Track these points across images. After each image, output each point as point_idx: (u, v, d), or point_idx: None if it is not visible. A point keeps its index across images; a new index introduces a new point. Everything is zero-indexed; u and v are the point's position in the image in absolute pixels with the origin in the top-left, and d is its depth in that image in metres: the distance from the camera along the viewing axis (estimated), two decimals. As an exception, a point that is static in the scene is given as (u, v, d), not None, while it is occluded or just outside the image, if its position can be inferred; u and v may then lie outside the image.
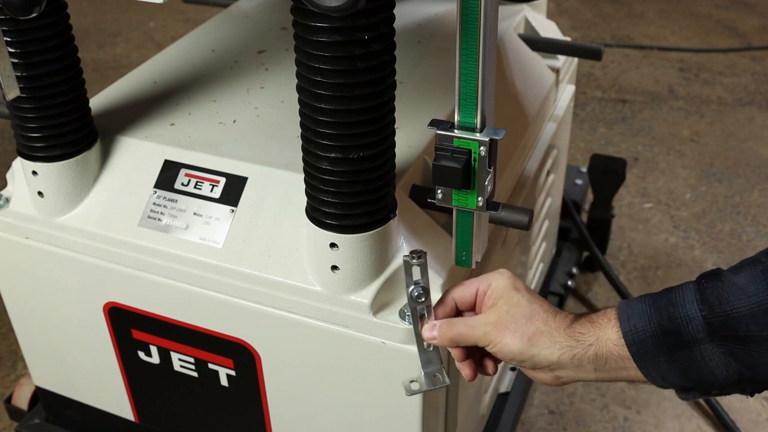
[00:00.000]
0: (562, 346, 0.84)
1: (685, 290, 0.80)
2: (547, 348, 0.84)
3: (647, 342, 0.80)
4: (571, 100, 1.70)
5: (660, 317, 0.80)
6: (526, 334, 0.85)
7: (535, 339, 0.85)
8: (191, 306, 1.12)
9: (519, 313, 0.87)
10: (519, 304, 0.87)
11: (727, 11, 3.60)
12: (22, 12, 0.90)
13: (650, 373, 0.81)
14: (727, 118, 2.85)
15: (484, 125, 0.87)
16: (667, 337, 0.79)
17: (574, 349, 0.84)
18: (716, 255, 2.21)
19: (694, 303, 0.78)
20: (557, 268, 1.96)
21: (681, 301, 0.79)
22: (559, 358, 0.84)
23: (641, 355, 0.81)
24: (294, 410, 1.15)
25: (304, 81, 0.88)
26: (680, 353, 0.79)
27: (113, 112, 1.22)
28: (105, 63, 3.27)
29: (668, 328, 0.79)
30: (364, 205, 0.94)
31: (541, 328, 0.85)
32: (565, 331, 0.85)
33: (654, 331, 0.80)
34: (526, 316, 0.86)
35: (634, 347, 0.81)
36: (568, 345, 0.84)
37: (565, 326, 0.85)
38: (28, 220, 1.17)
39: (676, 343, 0.79)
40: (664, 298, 0.81)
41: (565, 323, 0.85)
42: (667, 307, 0.80)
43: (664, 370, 0.81)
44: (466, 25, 0.81)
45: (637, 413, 1.77)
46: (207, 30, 1.48)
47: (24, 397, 1.53)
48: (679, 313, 0.79)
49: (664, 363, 0.80)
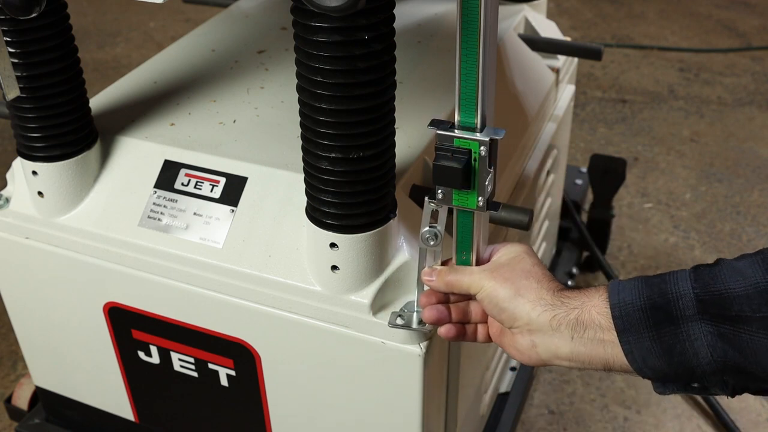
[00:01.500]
0: (545, 304, 0.84)
1: (680, 272, 0.79)
2: (530, 302, 0.85)
3: (634, 315, 0.79)
4: (571, 100, 1.70)
5: (650, 292, 0.79)
6: (515, 285, 0.86)
7: (523, 291, 0.86)
8: (191, 306, 1.12)
9: (519, 268, 0.88)
10: (522, 261, 0.89)
11: (727, 11, 3.60)
12: (22, 12, 0.90)
13: (631, 351, 0.79)
14: (727, 118, 2.85)
15: (484, 125, 0.86)
16: (655, 311, 0.78)
17: (556, 308, 0.83)
18: (716, 255, 2.21)
19: (688, 281, 0.77)
20: (557, 268, 1.96)
21: (674, 279, 0.78)
22: (539, 316, 0.84)
23: (625, 329, 0.79)
24: (294, 410, 1.15)
25: (304, 81, 0.88)
26: (666, 329, 0.77)
27: (113, 112, 1.22)
28: (105, 63, 3.27)
29: (657, 303, 0.78)
30: (364, 205, 0.94)
31: (532, 285, 0.86)
32: (553, 294, 0.85)
33: (642, 305, 0.78)
34: (524, 272, 0.87)
35: (620, 320, 0.79)
36: (551, 304, 0.84)
37: (556, 289, 0.86)
38: (28, 220, 1.17)
39: (663, 318, 0.77)
40: (658, 277, 0.80)
41: (556, 287, 0.86)
42: (659, 284, 0.79)
43: (646, 348, 0.78)
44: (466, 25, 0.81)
45: (637, 413, 1.77)
46: (207, 30, 1.48)
47: (24, 397, 1.53)
48: (671, 290, 0.78)
49: (648, 340, 0.78)
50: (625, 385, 1.84)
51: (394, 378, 1.03)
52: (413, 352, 1.00)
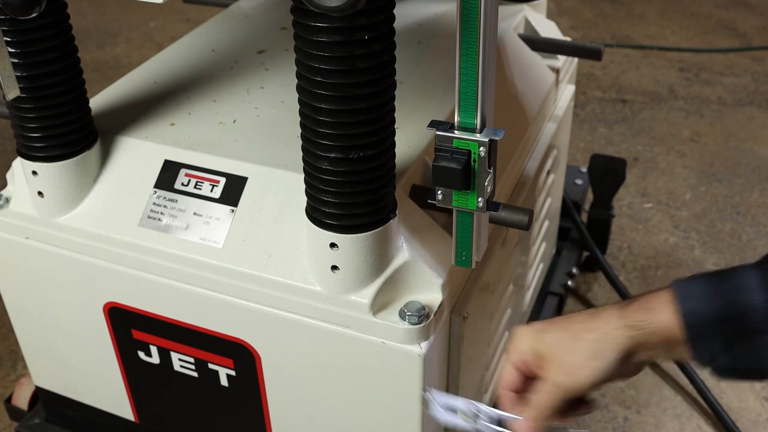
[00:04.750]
0: (624, 337, 0.81)
1: (749, 276, 0.78)
2: (611, 353, 0.81)
3: (706, 326, 0.78)
4: (571, 100, 1.70)
5: (722, 302, 0.77)
6: (585, 353, 0.82)
7: (597, 348, 0.82)
8: (191, 306, 1.12)
9: (563, 343, 0.84)
10: (558, 339, 0.85)
11: (727, 11, 3.60)
12: (22, 12, 0.90)
13: (700, 354, 0.79)
14: (727, 118, 2.85)
15: (483, 126, 0.87)
16: (728, 323, 0.77)
17: (635, 337, 0.81)
18: (716, 255, 2.21)
19: (760, 291, 0.76)
20: (557, 268, 1.96)
21: (745, 288, 0.77)
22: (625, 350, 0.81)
23: (695, 337, 0.78)
24: (294, 410, 1.15)
25: (304, 81, 0.88)
26: (740, 340, 0.77)
27: (113, 112, 1.22)
28: (105, 63, 3.27)
29: (731, 315, 0.77)
30: (364, 205, 0.94)
31: (594, 337, 0.82)
32: (619, 322, 0.82)
33: (715, 317, 0.77)
34: (570, 339, 0.84)
35: (692, 329, 0.78)
36: (629, 336, 0.81)
37: (617, 317, 0.82)
38: (28, 220, 1.17)
39: (737, 330, 0.76)
40: (727, 282, 0.78)
41: (616, 315, 0.83)
42: (730, 292, 0.77)
43: (716, 352, 0.78)
44: (466, 25, 0.81)
45: (637, 413, 1.77)
46: (207, 30, 1.48)
47: (24, 397, 1.53)
48: (744, 301, 0.76)
49: (719, 347, 0.78)
50: (625, 385, 1.84)
51: (394, 378, 1.03)
52: (413, 352, 1.00)
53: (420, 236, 1.04)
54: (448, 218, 1.05)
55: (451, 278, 1.05)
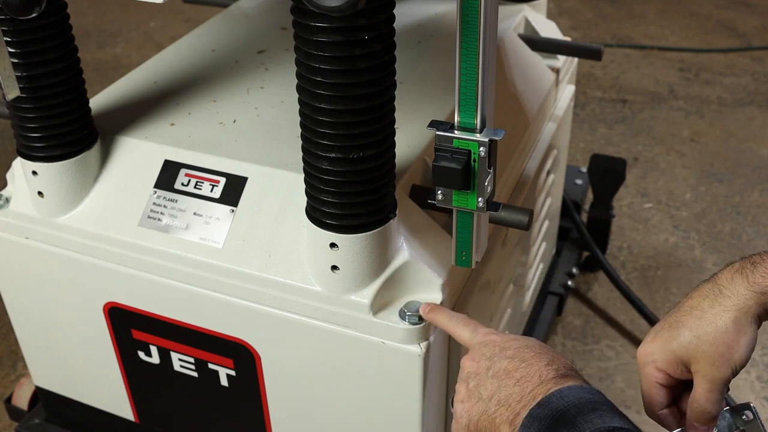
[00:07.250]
0: (757, 305, 0.80)
1: None
2: (751, 324, 0.80)
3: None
4: (571, 100, 1.70)
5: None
6: (731, 337, 0.80)
7: (739, 328, 0.80)
8: (191, 306, 1.12)
9: (703, 337, 0.81)
10: (695, 337, 0.82)
11: (727, 11, 3.60)
12: (22, 12, 0.90)
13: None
14: (727, 118, 2.85)
15: (483, 126, 0.87)
16: None
17: (766, 303, 0.80)
18: (716, 255, 2.21)
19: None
20: (557, 268, 1.96)
21: None
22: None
23: None
24: (294, 410, 1.15)
25: (304, 81, 0.88)
26: None
27: (113, 112, 1.22)
28: (105, 63, 3.27)
29: None
30: (364, 205, 0.94)
31: (732, 317, 0.80)
32: (749, 292, 0.80)
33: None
34: (710, 330, 0.81)
35: None
36: (760, 303, 0.80)
37: (745, 288, 0.80)
38: (28, 220, 1.17)
39: None
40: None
41: (744, 285, 0.81)
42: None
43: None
44: (466, 25, 0.81)
45: (637, 413, 1.77)
46: (207, 30, 1.48)
47: (24, 397, 1.53)
48: None
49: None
50: (625, 385, 1.84)
51: (394, 378, 1.03)
52: (413, 352, 1.00)
53: (420, 236, 1.04)
54: (448, 218, 1.05)
55: (451, 278, 1.05)
